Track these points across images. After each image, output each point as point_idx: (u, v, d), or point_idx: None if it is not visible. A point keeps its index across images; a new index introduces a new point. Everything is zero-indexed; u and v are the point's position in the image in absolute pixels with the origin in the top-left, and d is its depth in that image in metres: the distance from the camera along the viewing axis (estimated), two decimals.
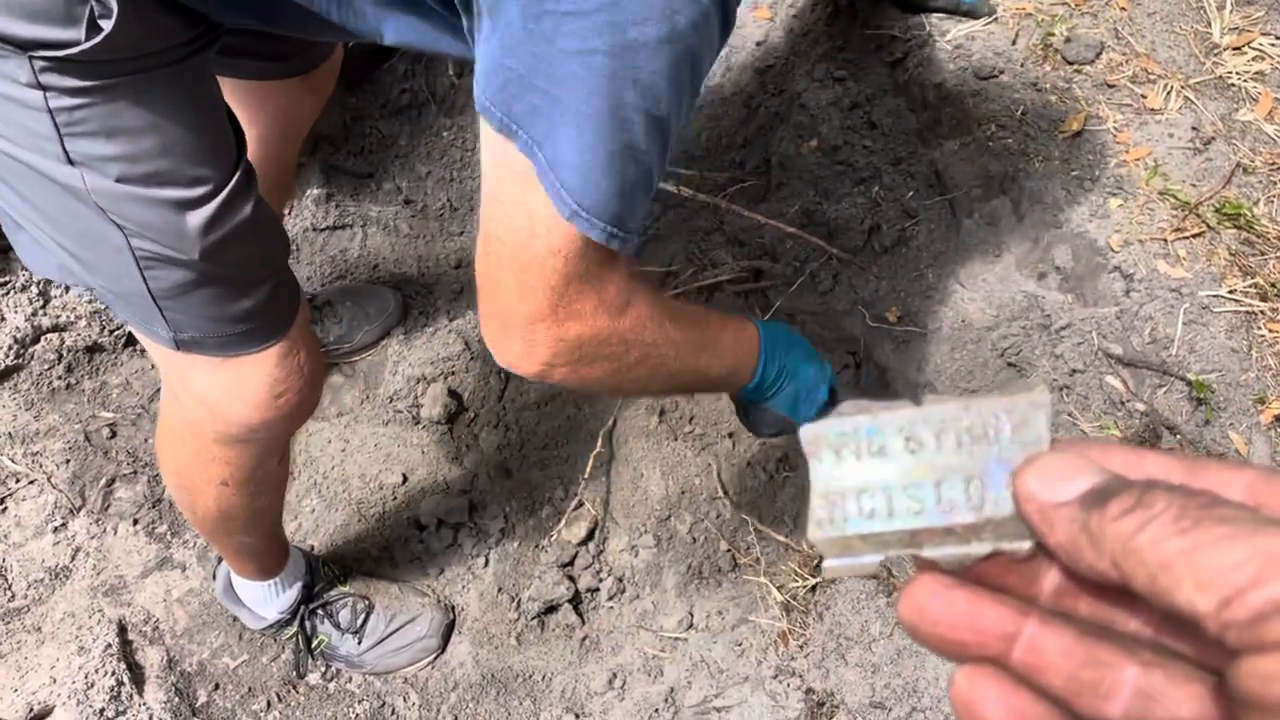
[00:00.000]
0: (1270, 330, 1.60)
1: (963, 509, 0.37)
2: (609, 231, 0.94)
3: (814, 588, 1.51)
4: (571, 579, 2.04)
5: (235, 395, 1.28)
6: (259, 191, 1.18)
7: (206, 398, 1.29)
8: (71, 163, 1.00)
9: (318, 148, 2.53)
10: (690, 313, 1.25)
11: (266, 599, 1.86)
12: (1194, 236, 1.70)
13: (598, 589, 2.04)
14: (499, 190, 0.97)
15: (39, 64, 0.93)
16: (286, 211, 2.47)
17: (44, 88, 0.95)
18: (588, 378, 1.11)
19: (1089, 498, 0.33)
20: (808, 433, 0.41)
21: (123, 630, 1.93)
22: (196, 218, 1.07)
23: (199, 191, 1.06)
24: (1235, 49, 1.90)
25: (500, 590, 2.04)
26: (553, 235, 0.95)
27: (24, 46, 0.92)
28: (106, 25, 0.92)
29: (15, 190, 1.08)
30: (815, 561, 1.55)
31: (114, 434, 2.18)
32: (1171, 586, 0.29)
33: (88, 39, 0.92)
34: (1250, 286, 1.64)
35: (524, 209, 0.95)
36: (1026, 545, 0.35)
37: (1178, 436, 1.48)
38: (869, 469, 0.39)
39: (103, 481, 2.10)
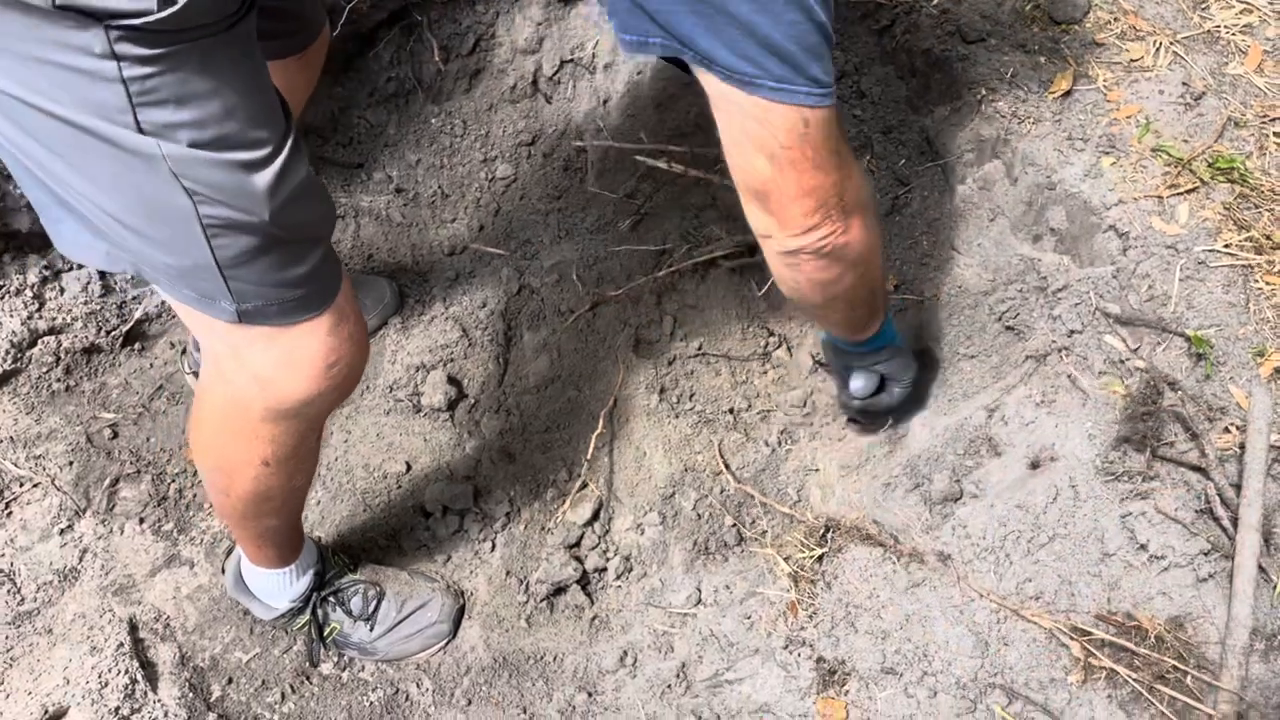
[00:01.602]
0: (1267, 283, 1.61)
1: None
2: (820, 93, 1.09)
3: (821, 558, 1.52)
4: (579, 560, 2.05)
5: (291, 366, 1.29)
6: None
7: (261, 372, 1.30)
8: (143, 132, 1.02)
9: (306, 139, 2.52)
10: None
11: (280, 588, 1.86)
12: (1188, 192, 1.70)
13: (605, 569, 2.05)
14: (757, 119, 1.11)
15: (114, 34, 0.95)
16: None
17: (118, 57, 0.96)
18: (873, 234, 1.34)
19: None
20: None
21: (134, 629, 1.94)
22: (263, 178, 1.09)
23: (262, 153, 1.09)
24: (1222, 3, 1.89)
25: (508, 574, 2.04)
26: (824, 118, 1.12)
27: (100, 17, 0.94)
28: None
29: (76, 168, 1.08)
30: (821, 532, 1.56)
31: (116, 434, 2.18)
32: None
33: (162, 8, 0.94)
34: (1246, 240, 1.64)
35: (785, 115, 1.09)
36: None
37: (1179, 392, 1.49)
38: None
39: (107, 482, 2.10)
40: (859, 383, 1.73)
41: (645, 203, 2.33)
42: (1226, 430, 1.47)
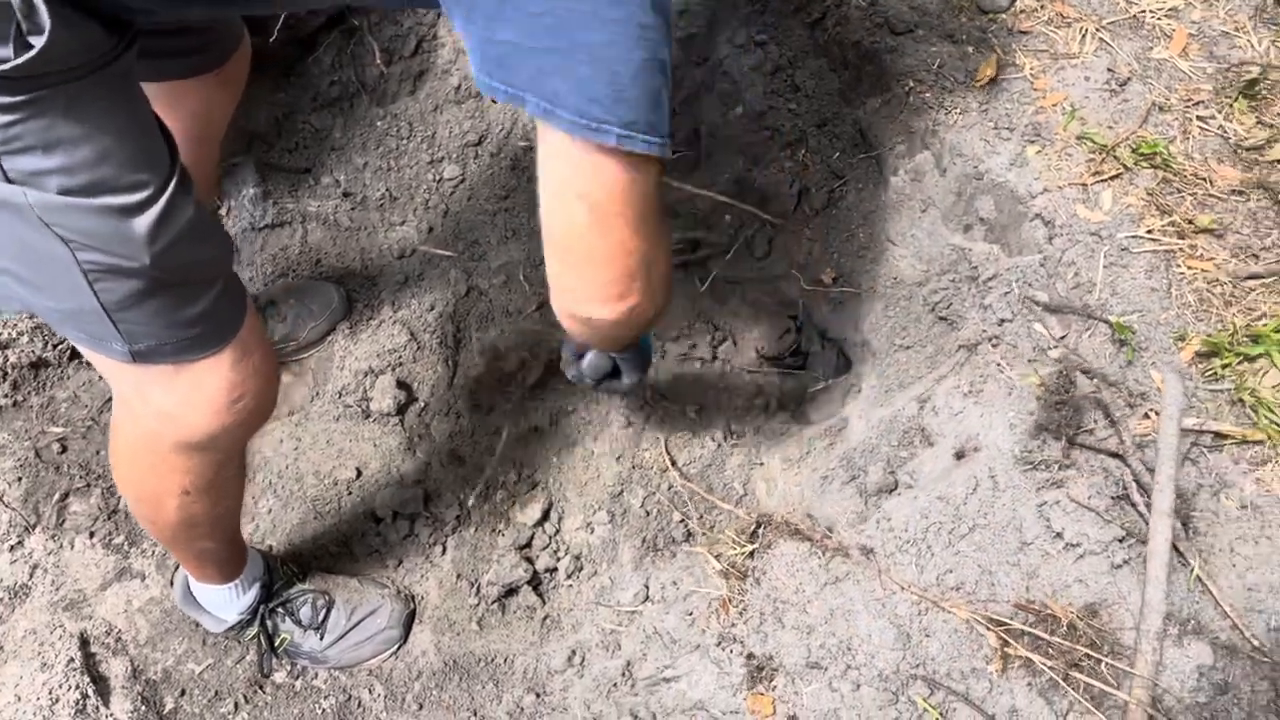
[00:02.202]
0: (1189, 267, 1.62)
1: None
2: (662, 143, 1.02)
3: (752, 554, 1.53)
4: (529, 560, 2.06)
5: (193, 403, 1.28)
6: (195, 194, 1.17)
7: (164, 409, 1.30)
8: (10, 181, 1.00)
9: (251, 146, 2.51)
10: None
11: (227, 601, 1.87)
12: (1112, 179, 1.71)
13: (555, 569, 2.06)
14: (592, 168, 1.03)
15: None
16: (223, 212, 2.46)
17: None
18: (659, 310, 1.26)
19: None
20: None
21: (85, 643, 1.94)
22: (143, 222, 1.07)
23: (141, 196, 1.07)
24: None
25: (459, 577, 2.05)
26: (642, 169, 1.04)
27: None
28: (37, 42, 0.92)
29: None
30: (752, 529, 1.57)
31: (64, 448, 2.18)
32: None
33: (17, 55, 0.92)
34: (1168, 225, 1.65)
35: (622, 167, 1.02)
36: None
37: (1094, 380, 1.50)
38: None
39: (56, 497, 2.10)
40: (594, 361, 1.66)
41: None
42: (1146, 416, 1.48)
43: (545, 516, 2.11)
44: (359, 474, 2.17)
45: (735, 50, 2.09)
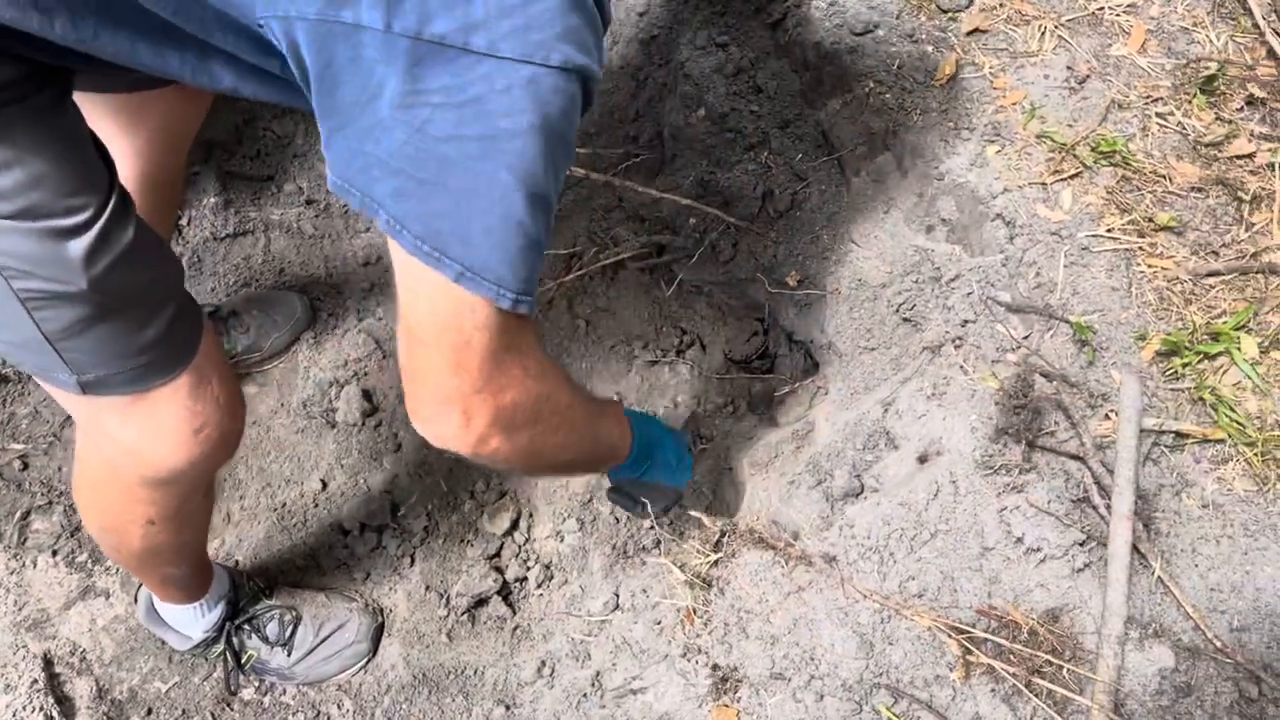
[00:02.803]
0: (1149, 265, 1.62)
1: None
2: (510, 296, 0.99)
3: (716, 563, 1.52)
4: (499, 570, 2.05)
5: (153, 436, 1.25)
6: (137, 215, 1.15)
7: (123, 442, 1.27)
8: None
9: (211, 155, 2.48)
10: (582, 388, 1.44)
11: (192, 619, 1.85)
12: (1072, 177, 1.70)
13: (525, 578, 2.05)
14: (410, 281, 1.02)
15: None
16: (184, 222, 2.43)
17: None
18: (518, 446, 1.17)
19: None
20: None
21: (49, 664, 1.91)
22: (78, 245, 1.04)
23: (77, 219, 1.04)
24: None
25: (428, 588, 2.04)
26: (476, 312, 1.01)
27: None
28: None
29: None
30: (716, 538, 1.56)
31: (26, 465, 2.15)
32: None
33: None
34: (1128, 224, 1.65)
35: (443, 292, 0.99)
36: None
37: (1055, 382, 1.50)
38: None
39: (18, 515, 2.07)
40: (655, 502, 1.68)
41: None
42: (1107, 417, 1.48)
43: (514, 525, 2.09)
44: (325, 486, 2.15)
45: (696, 52, 2.07)
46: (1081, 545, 1.35)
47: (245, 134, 2.53)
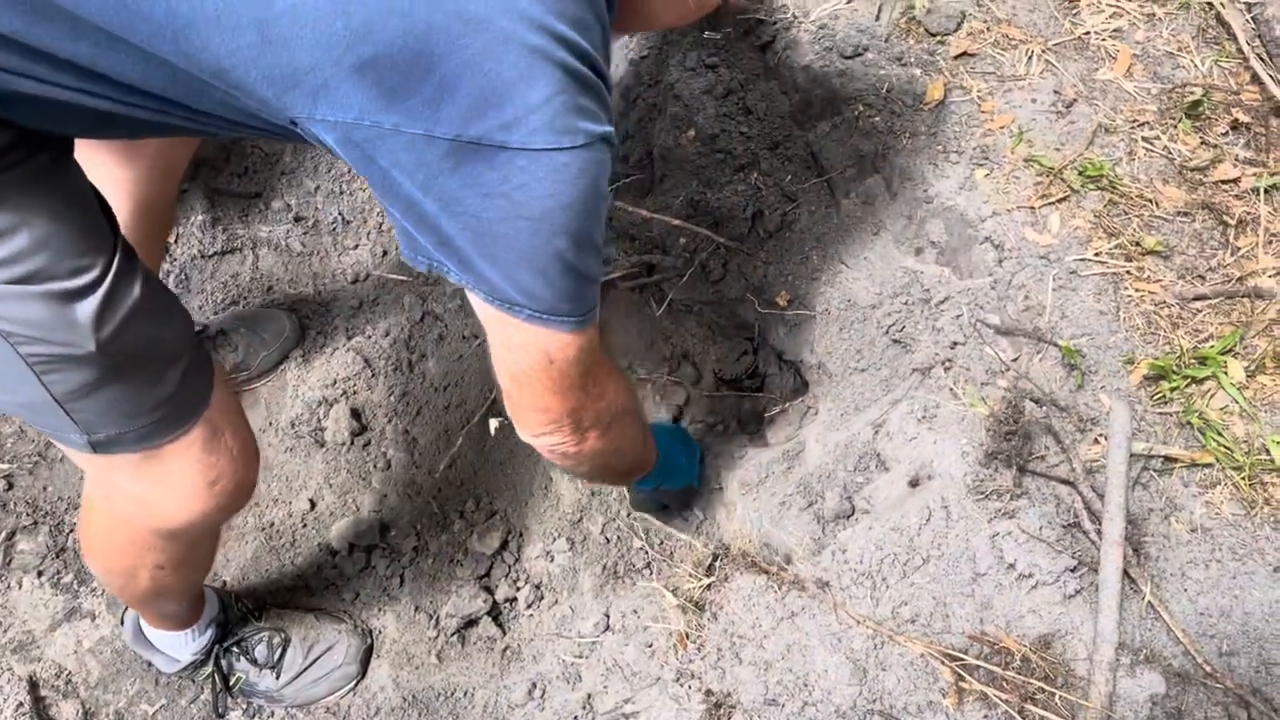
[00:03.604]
0: (1136, 289, 1.63)
1: None
2: (574, 320, 1.10)
3: (709, 586, 1.52)
4: (489, 590, 2.04)
5: (166, 490, 1.24)
6: (144, 269, 1.13)
7: (136, 496, 1.26)
8: None
9: (199, 172, 2.47)
10: None
11: (181, 643, 1.83)
12: (1059, 201, 1.72)
13: (515, 598, 2.04)
14: (497, 332, 1.13)
15: None
16: (171, 240, 2.42)
17: None
18: (611, 440, 1.35)
19: None
20: None
21: (34, 687, 1.90)
22: (86, 308, 1.02)
23: (83, 280, 1.02)
24: (1094, 7, 1.92)
25: (417, 609, 2.03)
26: (557, 341, 1.12)
27: None
28: None
29: None
30: (709, 561, 1.56)
31: (10, 485, 2.13)
32: None
33: None
34: (1115, 248, 1.66)
35: (525, 332, 1.10)
36: None
37: (1044, 406, 1.51)
38: None
39: (2, 535, 2.05)
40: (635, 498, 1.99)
41: None
42: (1096, 441, 1.49)
43: (504, 545, 2.09)
44: (313, 506, 2.14)
45: (686, 73, 2.08)
46: (1073, 571, 1.36)
47: (233, 151, 2.52)
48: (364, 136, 0.94)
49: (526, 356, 1.14)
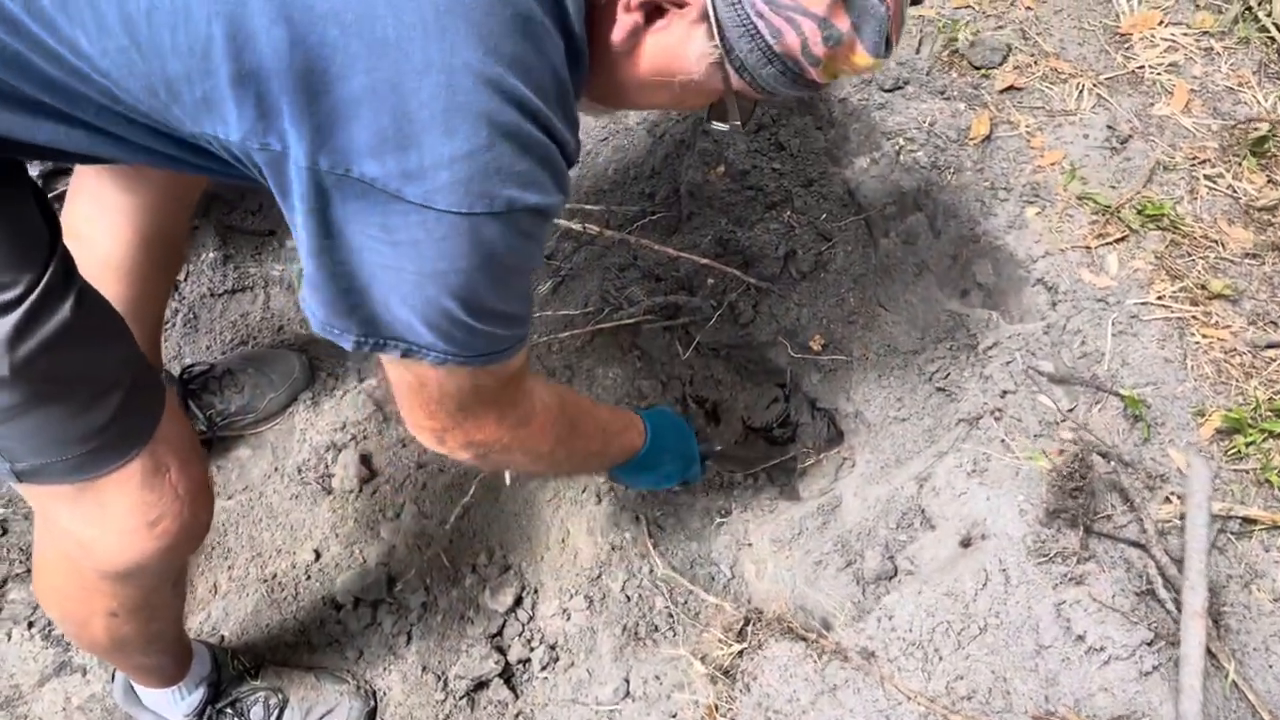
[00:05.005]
0: (1204, 335, 1.52)
1: None
2: (458, 358, 0.99)
3: (741, 653, 1.40)
4: (501, 650, 1.92)
5: (104, 528, 1.15)
6: (86, 288, 1.05)
7: (73, 533, 1.17)
8: None
9: (210, 209, 2.40)
10: (590, 414, 1.47)
11: (170, 703, 1.72)
12: (1117, 241, 1.61)
13: (529, 659, 1.92)
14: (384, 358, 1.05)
15: None
16: (181, 277, 2.34)
17: None
18: (489, 465, 1.37)
19: None
20: None
21: None
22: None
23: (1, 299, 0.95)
24: (1146, 41, 1.82)
25: (425, 669, 1.91)
26: (435, 375, 1.05)
27: None
28: None
29: None
30: (740, 625, 1.44)
31: (5, 530, 2.04)
32: None
33: None
34: (1179, 291, 1.55)
35: (407, 366, 1.03)
36: None
37: (1112, 463, 1.38)
38: None
39: None
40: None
41: (565, 264, 2.22)
42: (1168, 500, 1.36)
43: (518, 602, 1.97)
44: (318, 556, 2.03)
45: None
46: (1149, 645, 1.23)
47: (246, 189, 2.45)
48: (264, 160, 0.85)
49: (399, 377, 1.09)
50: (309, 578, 2.01)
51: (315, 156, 0.82)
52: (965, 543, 1.41)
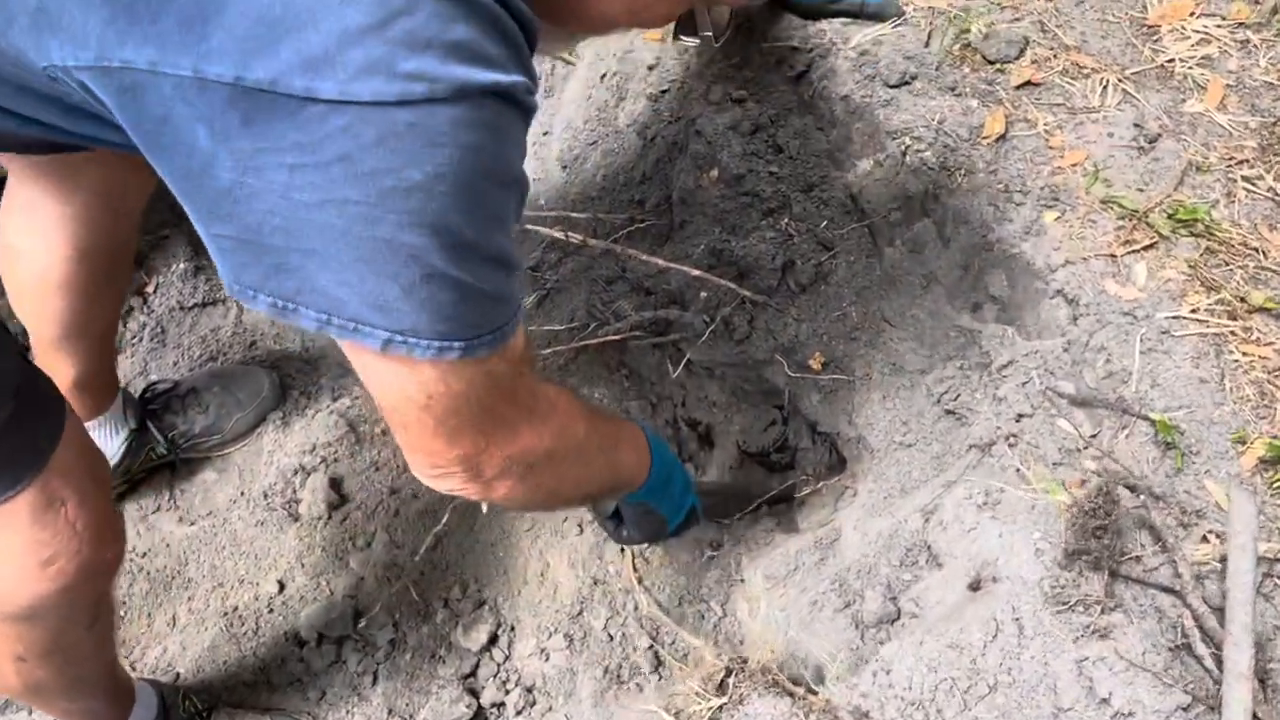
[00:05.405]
0: (1244, 353, 1.36)
1: None
2: (459, 345, 0.82)
3: (721, 708, 1.24)
4: (474, 693, 1.79)
5: None
6: None
7: None
8: None
9: (182, 218, 2.28)
10: (597, 409, 1.36)
11: None
12: (1146, 249, 1.46)
13: (503, 703, 1.79)
14: (358, 365, 0.89)
15: None
16: (150, 289, 2.23)
17: None
18: (532, 487, 1.07)
19: None
20: None
21: None
22: None
23: None
24: (1177, 33, 1.67)
25: (390, 712, 1.78)
26: (442, 375, 0.85)
27: None
28: None
29: None
30: (720, 678, 1.29)
31: None
32: None
33: None
34: (1216, 303, 1.40)
35: (389, 365, 0.84)
36: None
37: (1141, 496, 1.22)
38: None
39: None
40: (640, 530, 1.57)
41: (549, 275, 2.09)
42: (1205, 539, 1.20)
43: (493, 640, 1.84)
44: (282, 588, 1.90)
45: (710, 108, 1.86)
46: (1185, 710, 1.06)
47: None
48: (116, 83, 0.69)
49: (394, 393, 0.88)
50: (271, 611, 1.88)
51: (198, 63, 0.66)
52: (974, 586, 1.25)
